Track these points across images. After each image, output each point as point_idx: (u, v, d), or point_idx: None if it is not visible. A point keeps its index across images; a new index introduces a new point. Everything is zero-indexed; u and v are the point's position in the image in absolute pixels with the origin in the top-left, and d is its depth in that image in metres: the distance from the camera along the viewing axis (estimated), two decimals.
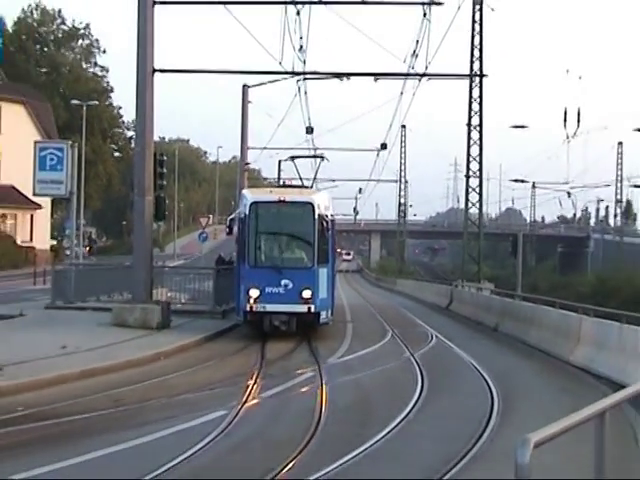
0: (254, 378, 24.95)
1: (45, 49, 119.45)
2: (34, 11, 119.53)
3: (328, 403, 21.58)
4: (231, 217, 41.49)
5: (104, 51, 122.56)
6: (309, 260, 35.27)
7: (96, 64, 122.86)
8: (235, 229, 38.01)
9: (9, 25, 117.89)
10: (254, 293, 34.14)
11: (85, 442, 16.95)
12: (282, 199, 35.48)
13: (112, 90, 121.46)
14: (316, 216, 34.95)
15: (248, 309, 34.36)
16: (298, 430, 18.35)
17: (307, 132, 46.29)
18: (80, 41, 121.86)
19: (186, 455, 15.86)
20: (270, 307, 34.22)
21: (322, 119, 57.78)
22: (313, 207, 35.09)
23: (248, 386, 23.69)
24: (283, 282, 34.27)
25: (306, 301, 34.29)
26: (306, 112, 49.99)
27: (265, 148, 59.79)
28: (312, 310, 34.45)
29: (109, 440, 17.11)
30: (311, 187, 49.25)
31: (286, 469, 15.07)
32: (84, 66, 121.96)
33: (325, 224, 35.76)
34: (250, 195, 37.34)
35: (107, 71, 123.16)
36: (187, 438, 17.27)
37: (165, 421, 18.94)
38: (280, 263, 35.44)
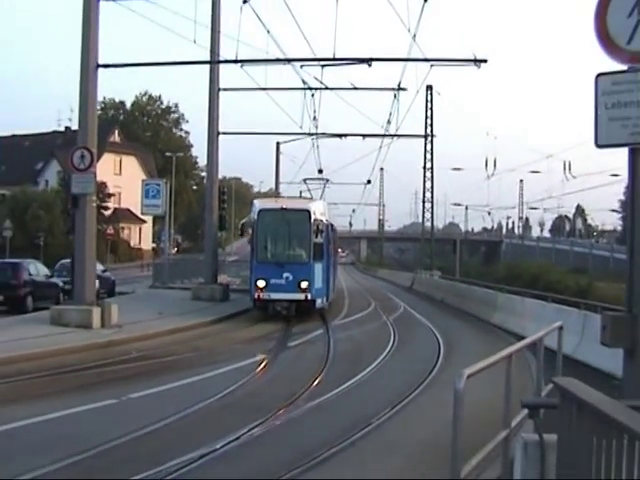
0: (282, 334, 24.89)
1: (149, 120, 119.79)
2: (143, 96, 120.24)
3: (332, 350, 21.56)
4: (243, 222, 35.89)
5: (187, 121, 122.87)
6: (306, 256, 30.72)
7: (181, 129, 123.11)
8: (249, 231, 32.93)
9: (128, 105, 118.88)
10: (261, 284, 30.02)
11: (175, 374, 16.91)
12: (284, 207, 31.62)
13: (192, 146, 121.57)
14: (312, 220, 30.68)
15: (256, 297, 30.25)
16: (312, 368, 18.35)
17: (319, 172, 45.99)
18: (172, 115, 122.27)
19: (239, 384, 15.92)
20: (274, 295, 30.00)
21: (329, 162, 58.10)
22: (309, 213, 30.90)
23: (278, 339, 23.63)
24: (285, 275, 30.04)
25: (304, 290, 30.02)
26: (318, 158, 49.95)
27: (291, 183, 59.50)
28: (309, 298, 30.20)
29: (191, 373, 17.19)
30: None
31: (305, 393, 15.04)
32: (174, 131, 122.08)
33: (320, 227, 31.07)
34: (259, 204, 33.13)
35: (188, 134, 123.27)
36: (239, 373, 17.28)
37: (225, 362, 18.93)
38: (282, 259, 30.91)
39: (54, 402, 13.71)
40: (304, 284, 30.06)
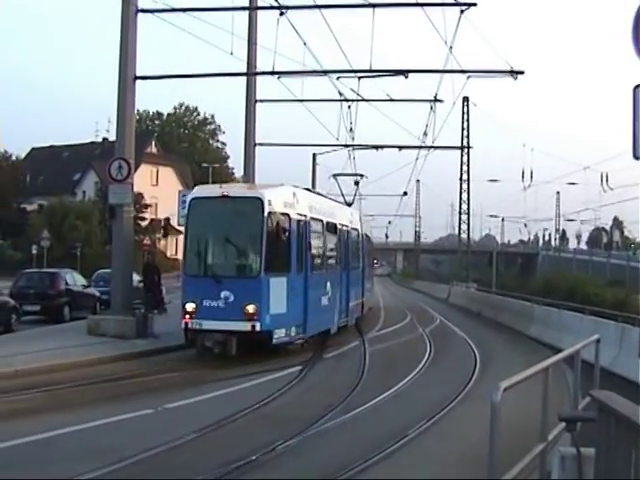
0: (319, 346, 24.90)
1: (186, 131, 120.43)
2: (180, 108, 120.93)
3: (368, 361, 21.53)
4: (167, 217, 25.66)
5: (224, 132, 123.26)
6: (255, 268, 21.44)
7: (218, 141, 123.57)
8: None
9: (164, 116, 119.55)
10: (190, 307, 20.96)
11: (212, 385, 17.01)
12: (225, 194, 21.90)
13: (228, 157, 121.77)
14: (266, 214, 21.13)
15: (183, 326, 21.19)
16: (349, 379, 18.34)
17: (355, 184, 45.98)
18: (208, 126, 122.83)
19: (275, 395, 15.96)
20: (207, 324, 20.80)
21: (365, 174, 58.10)
22: (262, 203, 21.21)
23: (315, 351, 23.64)
24: (223, 294, 20.77)
25: (250, 317, 20.62)
26: (354, 170, 49.69)
27: (328, 193, 59.40)
28: (257, 329, 20.65)
29: (227, 384, 17.28)
30: (351, 204, 39.19)
31: (341, 405, 15.01)
32: (210, 142, 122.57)
33: (282, 224, 21.57)
34: (193, 191, 24.21)
35: (225, 145, 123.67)
36: (276, 384, 17.31)
37: (262, 373, 18.96)
38: (220, 271, 21.75)
39: (91, 411, 13.81)
40: (250, 308, 20.66)
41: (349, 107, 33.41)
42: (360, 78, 28.29)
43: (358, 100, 32.14)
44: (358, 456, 10.86)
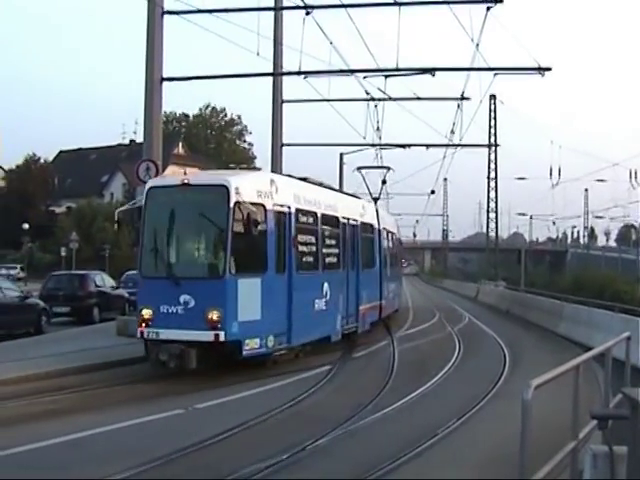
0: (348, 345, 24.86)
1: (213, 132, 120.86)
2: (206, 109, 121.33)
3: (397, 360, 21.50)
4: (122, 209, 21.88)
5: (250, 133, 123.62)
6: (219, 267, 18.34)
7: (245, 141, 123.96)
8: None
9: (191, 118, 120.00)
10: (146, 313, 18.18)
11: (242, 385, 17.01)
12: (186, 182, 18.68)
13: (255, 158, 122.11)
14: (232, 204, 18.01)
15: (139, 335, 18.42)
16: (378, 378, 18.31)
17: (382, 183, 45.81)
18: (235, 127, 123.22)
19: (305, 395, 15.98)
20: (164, 334, 17.85)
21: (392, 174, 57.80)
22: (228, 192, 18.09)
23: (344, 350, 23.63)
24: (182, 299, 17.83)
25: (213, 326, 17.61)
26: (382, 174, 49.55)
27: (355, 193, 59.47)
28: (222, 338, 17.62)
29: (257, 384, 17.26)
30: (377, 198, 38.30)
31: (371, 404, 14.98)
32: (237, 142, 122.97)
33: (256, 217, 18.16)
34: (151, 179, 21.38)
35: (252, 145, 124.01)
36: (305, 384, 17.32)
37: (291, 373, 18.99)
38: (179, 272, 18.46)
39: (121, 412, 13.90)
40: (213, 315, 17.61)
41: (376, 106, 33.39)
42: (387, 77, 28.27)
43: (385, 99, 32.11)
44: (388, 455, 10.84)
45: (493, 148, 75.07)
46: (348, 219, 25.98)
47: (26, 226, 70.52)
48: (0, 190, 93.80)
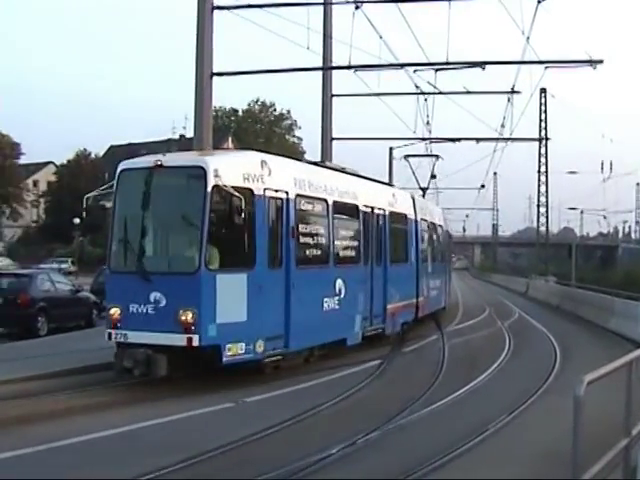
0: (397, 340, 24.83)
1: (262, 127, 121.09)
2: (256, 103, 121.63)
3: (447, 355, 21.46)
4: (91, 195, 19.18)
5: (300, 127, 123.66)
6: (193, 261, 15.85)
7: (294, 136, 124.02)
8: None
9: (240, 112, 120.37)
10: (115, 312, 16.05)
11: (292, 378, 17.12)
12: (159, 163, 16.32)
13: (305, 152, 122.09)
14: (209, 189, 15.69)
15: (107, 337, 16.28)
16: (428, 372, 18.30)
17: (432, 177, 45.56)
18: (285, 121, 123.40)
19: (355, 389, 16.03)
20: (133, 336, 15.78)
21: (442, 167, 57.61)
22: (205, 175, 15.80)
23: (393, 345, 23.61)
24: (153, 296, 15.62)
25: (186, 328, 15.34)
26: (431, 163, 49.32)
27: (404, 188, 59.26)
28: (195, 343, 15.32)
29: (307, 378, 17.35)
30: (426, 188, 37.77)
31: (422, 399, 14.97)
32: (287, 137, 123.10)
33: (240, 203, 15.69)
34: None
35: (301, 140, 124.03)
36: (355, 378, 17.37)
37: (341, 367, 19.03)
38: (150, 266, 16.21)
39: (174, 405, 14.07)
40: (186, 315, 15.36)
41: (425, 100, 33.27)
42: (437, 70, 28.15)
43: (435, 93, 32.03)
44: (438, 450, 10.85)
45: (544, 142, 74.83)
46: (372, 208, 23.43)
47: (77, 220, 71.08)
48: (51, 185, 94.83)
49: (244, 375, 16.80)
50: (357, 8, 24.82)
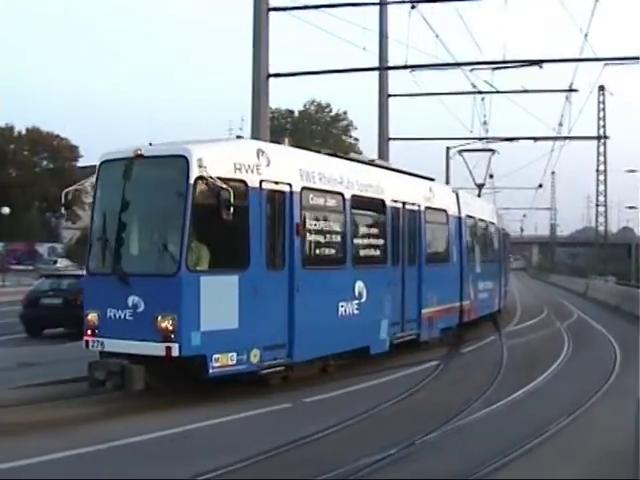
0: (455, 341, 24.70)
1: (318, 128, 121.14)
2: (312, 104, 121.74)
3: (506, 356, 21.31)
4: (70, 189, 16.13)
5: (356, 128, 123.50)
6: (172, 261, 14.19)
7: (351, 136, 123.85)
8: None
9: (295, 113, 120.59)
10: (92, 318, 14.63)
11: (349, 379, 17.03)
12: (139, 153, 14.74)
13: (361, 153, 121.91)
14: (192, 180, 14.17)
15: (84, 345, 14.82)
16: (486, 373, 18.17)
17: (489, 177, 45.31)
18: (341, 122, 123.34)
19: (413, 390, 16.02)
20: (110, 344, 14.36)
21: (500, 167, 57.20)
22: (187, 165, 14.24)
23: (451, 346, 23.51)
24: (131, 301, 14.14)
25: (165, 336, 13.80)
26: (488, 163, 48.93)
27: (461, 188, 59.00)
28: (174, 352, 13.74)
29: (365, 379, 17.25)
30: (482, 185, 36.89)
31: (480, 399, 14.88)
32: (343, 138, 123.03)
33: (228, 197, 13.97)
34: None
35: (357, 140, 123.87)
36: (413, 379, 17.33)
37: (399, 368, 18.97)
38: (128, 267, 14.71)
39: (231, 405, 14.14)
40: (165, 322, 13.83)
41: (482, 99, 33.19)
42: (494, 69, 28.04)
43: (491, 92, 31.89)
44: (497, 451, 10.79)
45: (602, 140, 73.93)
46: (404, 203, 21.45)
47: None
48: None
49: (302, 375, 16.79)
50: (413, 7, 24.82)
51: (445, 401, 15.07)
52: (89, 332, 14.63)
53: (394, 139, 36.76)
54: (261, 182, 15.34)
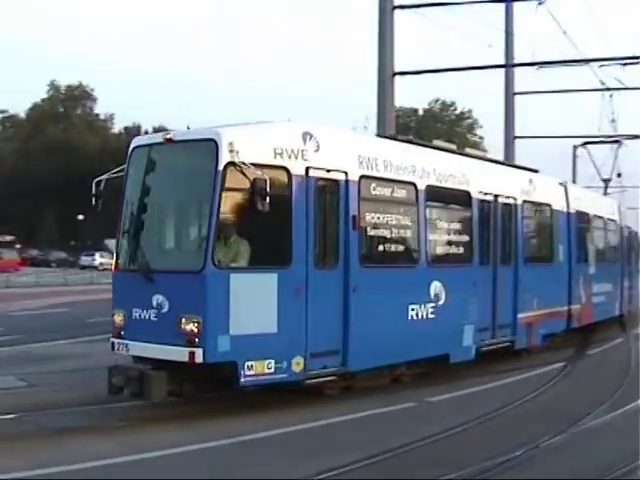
0: (581, 343, 24.26)
1: (443, 126, 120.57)
2: (436, 103, 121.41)
3: (634, 358, 20.81)
4: (100, 178, 14.40)
5: (481, 126, 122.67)
6: (199, 256, 12.68)
7: (475, 135, 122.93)
8: None
9: (419, 112, 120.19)
10: (118, 319, 13.49)
11: (476, 379, 16.96)
12: (168, 137, 13.53)
13: (486, 151, 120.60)
14: (221, 167, 12.62)
15: (110, 347, 13.64)
16: (614, 375, 17.80)
17: (617, 176, 44.38)
18: (466, 120, 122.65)
19: (539, 391, 15.85)
20: (134, 347, 13.17)
21: (628, 165, 55.64)
22: (217, 149, 12.70)
23: (578, 347, 23.11)
24: (155, 300, 12.82)
25: (189, 340, 12.32)
26: (615, 161, 48.04)
27: (588, 187, 58.08)
28: (198, 359, 12.22)
29: (489, 379, 17.16)
30: (608, 180, 36.09)
31: (608, 402, 14.51)
32: (467, 136, 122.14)
33: (264, 185, 12.40)
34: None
35: (482, 139, 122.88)
36: (539, 380, 17.13)
37: (525, 368, 18.74)
38: (154, 263, 13.38)
39: (357, 403, 14.12)
40: (191, 325, 12.39)
41: (611, 96, 32.49)
42: (625, 65, 27.41)
43: (621, 89, 31.22)
44: (625, 456, 10.55)
45: None
46: (496, 196, 19.32)
47: None
48: None
49: (425, 374, 16.73)
50: (540, 4, 24.52)
51: (571, 403, 14.80)
52: (115, 334, 13.53)
53: (520, 137, 36.36)
54: (307, 169, 13.71)
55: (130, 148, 14.28)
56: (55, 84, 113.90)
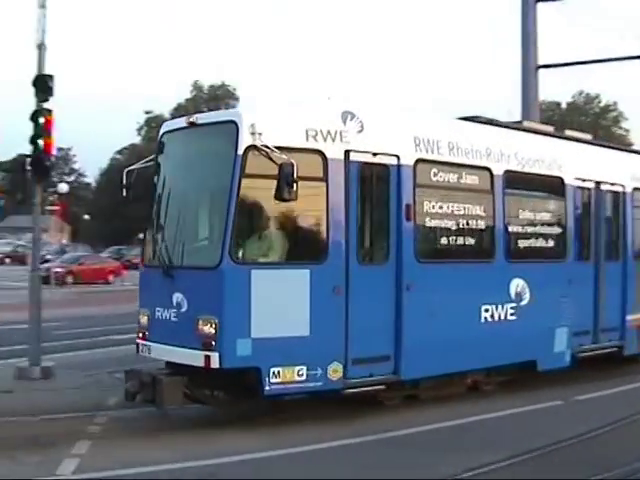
0: None
1: (587, 119, 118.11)
2: (579, 95, 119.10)
3: None
4: (131, 168, 13.48)
5: (627, 119, 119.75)
6: (216, 250, 11.47)
7: (621, 127, 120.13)
8: None
9: (562, 105, 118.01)
10: (142, 319, 12.71)
11: (629, 377, 16.54)
12: (192, 120, 12.49)
13: (633, 144, 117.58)
14: (240, 151, 11.38)
15: (136, 349, 12.92)
16: None
17: None
18: (610, 113, 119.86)
19: None
20: (155, 350, 12.29)
21: None
22: (237, 131, 11.47)
23: None
24: (175, 299, 11.82)
25: (206, 343, 11.20)
26: None
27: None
28: (214, 364, 11.08)
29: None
30: None
31: None
32: (613, 130, 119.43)
33: (292, 170, 11.11)
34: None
35: (628, 131, 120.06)
36: None
37: None
38: (175, 259, 12.38)
39: (500, 401, 14.00)
40: (207, 326, 11.33)
41: None
42: None
43: None
44: None
45: None
46: (597, 183, 16.95)
47: None
48: None
49: (569, 373, 16.38)
50: None
51: None
52: (140, 334, 12.72)
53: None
54: (347, 152, 12.27)
55: (159, 134, 13.43)
56: (198, 84, 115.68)
